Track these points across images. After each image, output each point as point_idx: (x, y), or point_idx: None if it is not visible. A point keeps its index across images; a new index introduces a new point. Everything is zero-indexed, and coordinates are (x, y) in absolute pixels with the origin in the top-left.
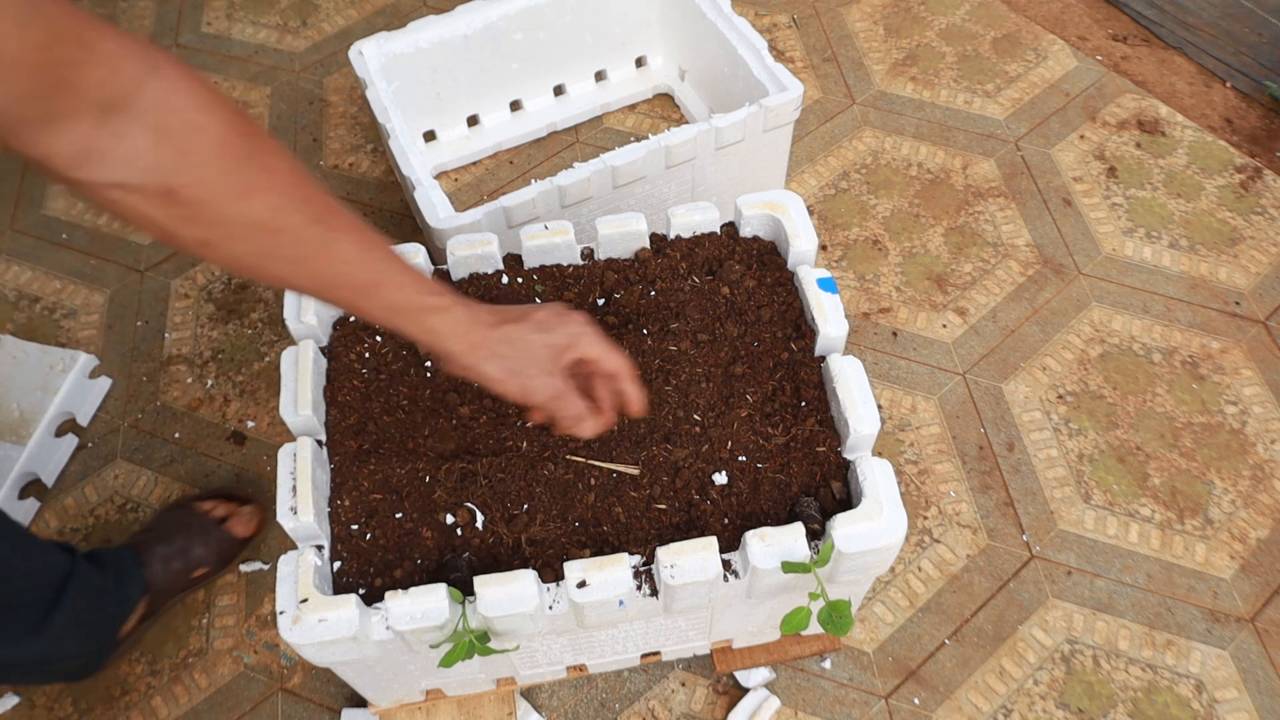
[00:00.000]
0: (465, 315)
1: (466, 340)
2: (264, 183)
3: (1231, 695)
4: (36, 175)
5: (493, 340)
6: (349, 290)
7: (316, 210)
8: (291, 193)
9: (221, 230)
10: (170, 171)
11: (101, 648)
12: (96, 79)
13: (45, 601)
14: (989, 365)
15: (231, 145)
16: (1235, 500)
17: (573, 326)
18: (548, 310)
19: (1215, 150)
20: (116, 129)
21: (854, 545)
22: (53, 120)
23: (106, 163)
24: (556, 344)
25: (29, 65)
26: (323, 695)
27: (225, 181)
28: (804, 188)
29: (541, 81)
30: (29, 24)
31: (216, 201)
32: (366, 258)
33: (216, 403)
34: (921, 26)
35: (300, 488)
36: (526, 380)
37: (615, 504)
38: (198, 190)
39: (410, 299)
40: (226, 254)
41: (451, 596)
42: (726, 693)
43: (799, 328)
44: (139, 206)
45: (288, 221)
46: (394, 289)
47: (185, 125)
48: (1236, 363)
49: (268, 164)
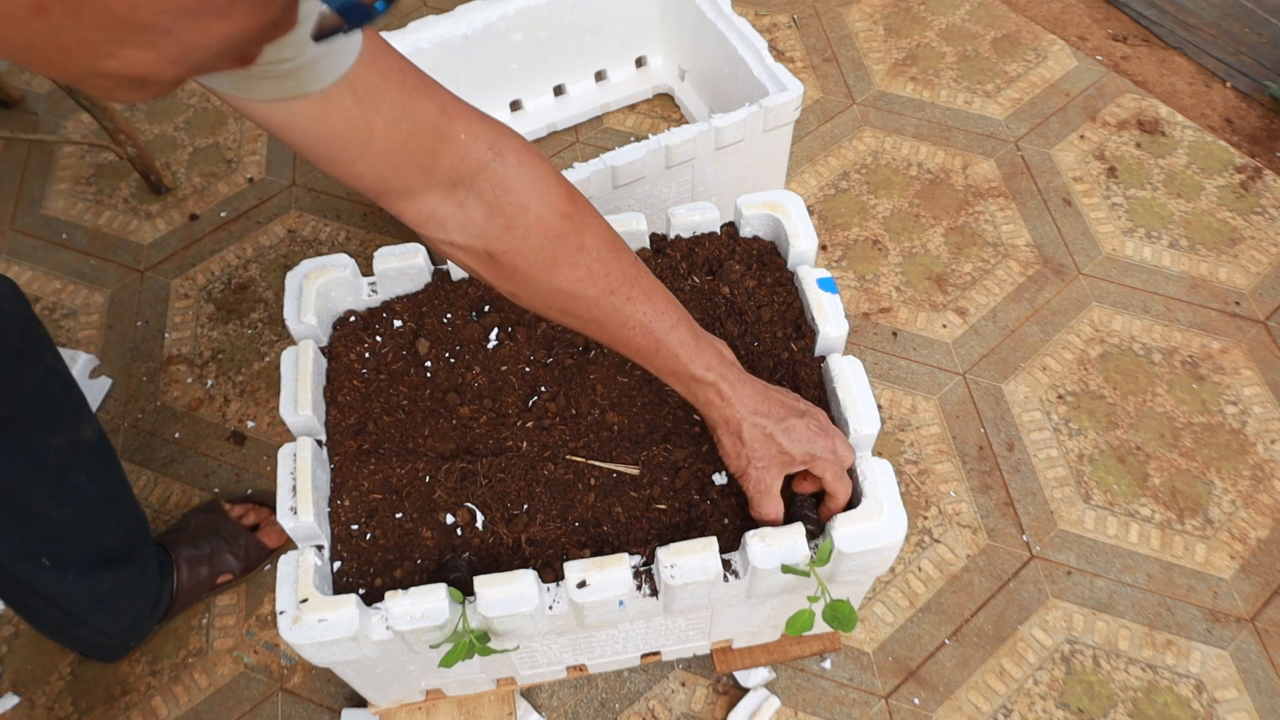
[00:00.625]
0: (728, 393)
1: (721, 414)
2: (571, 259)
3: (1231, 695)
4: (36, 175)
5: (743, 424)
6: (633, 350)
7: (614, 283)
8: (595, 269)
9: (529, 290)
10: (495, 240)
11: (129, 635)
12: (448, 164)
13: (103, 553)
14: (989, 365)
15: (550, 225)
16: (1235, 500)
17: (819, 449)
18: (805, 423)
19: (1215, 150)
20: (460, 201)
21: (854, 545)
22: (410, 194)
23: (447, 226)
24: (793, 456)
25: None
26: (323, 695)
27: (538, 254)
28: (804, 188)
29: (541, 81)
30: (398, 123)
31: (527, 268)
32: (650, 325)
33: (216, 403)
34: (921, 26)
35: (300, 488)
36: (747, 466)
37: (615, 504)
38: (514, 258)
39: (682, 367)
40: (531, 305)
41: (451, 596)
42: (726, 693)
43: (799, 328)
44: (466, 260)
45: (586, 292)
46: (670, 357)
47: (513, 205)
48: (1236, 363)
49: (580, 243)
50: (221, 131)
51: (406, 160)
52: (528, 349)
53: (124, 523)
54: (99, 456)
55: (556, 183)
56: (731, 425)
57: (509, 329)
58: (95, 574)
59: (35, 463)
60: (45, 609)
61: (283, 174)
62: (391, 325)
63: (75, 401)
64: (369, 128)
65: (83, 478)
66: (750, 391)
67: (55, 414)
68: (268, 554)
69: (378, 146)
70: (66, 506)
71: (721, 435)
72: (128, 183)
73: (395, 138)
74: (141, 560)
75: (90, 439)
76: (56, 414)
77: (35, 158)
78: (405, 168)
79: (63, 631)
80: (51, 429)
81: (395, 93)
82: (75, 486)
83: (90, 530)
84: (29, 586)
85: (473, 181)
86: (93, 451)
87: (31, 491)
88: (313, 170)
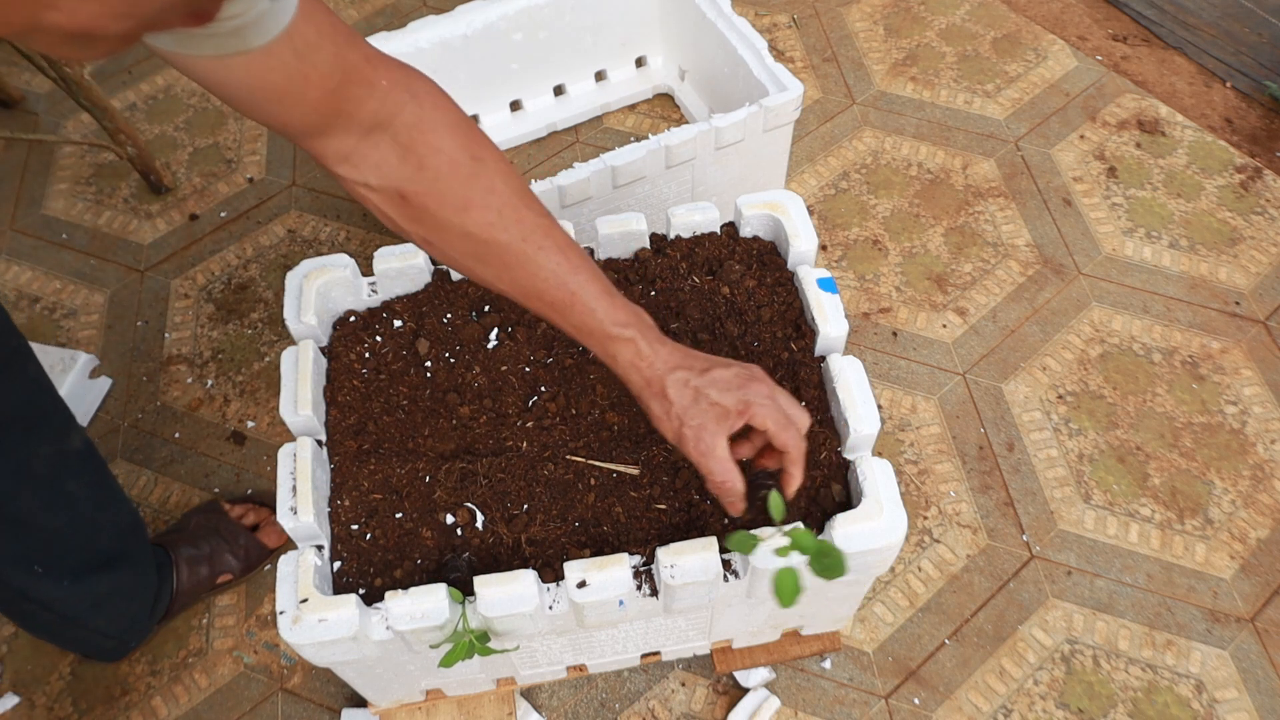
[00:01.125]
0: (647, 350)
1: (641, 375)
2: (482, 202)
3: (1231, 695)
4: (36, 175)
5: (666, 381)
6: (546, 305)
7: (526, 230)
8: (506, 214)
9: (441, 233)
10: (407, 180)
11: (129, 636)
12: (370, 108)
13: (97, 557)
14: (989, 365)
15: (461, 166)
16: (1235, 500)
17: (751, 393)
18: (733, 371)
19: (1215, 150)
20: (375, 142)
21: (854, 545)
22: (330, 133)
23: (361, 166)
24: (727, 406)
25: (325, 102)
26: (323, 695)
27: (449, 195)
28: (804, 188)
29: (541, 81)
30: (332, 74)
31: (439, 209)
32: (566, 278)
33: (216, 403)
34: (921, 26)
35: (300, 488)
36: (684, 429)
37: (615, 504)
38: (425, 199)
39: (597, 324)
40: (443, 253)
41: (451, 596)
42: (726, 693)
43: (799, 328)
44: (378, 202)
45: (497, 237)
46: (585, 312)
47: (426, 146)
48: (1236, 363)
49: (490, 185)
50: (221, 131)
51: (335, 107)
52: (528, 349)
53: (116, 526)
54: (87, 463)
55: (468, 126)
56: (654, 385)
57: (509, 329)
58: (90, 578)
59: (23, 473)
60: (40, 614)
61: (283, 174)
62: (391, 325)
63: (60, 410)
64: (304, 80)
65: (72, 486)
66: (669, 349)
67: (41, 424)
68: (268, 554)
69: (311, 97)
70: (57, 515)
71: (647, 400)
72: (128, 183)
73: (327, 87)
74: (138, 562)
75: (78, 447)
76: (42, 424)
77: (35, 158)
78: (332, 114)
79: (61, 634)
80: (38, 439)
81: (329, 45)
82: (65, 495)
83: (82, 536)
84: (22, 593)
85: (389, 124)
86: (81, 459)
87: (20, 501)
88: (313, 170)
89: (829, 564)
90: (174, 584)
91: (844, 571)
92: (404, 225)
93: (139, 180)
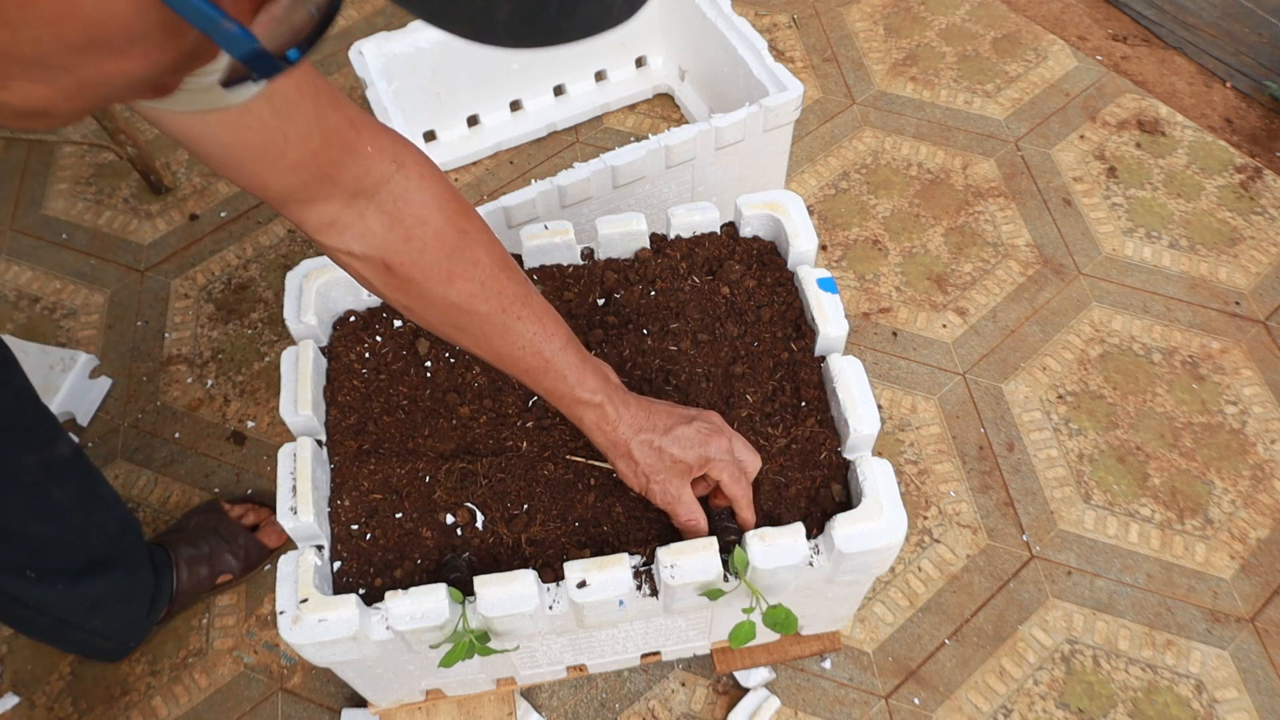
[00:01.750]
0: (612, 415)
1: (607, 438)
2: (466, 274)
3: (1231, 695)
4: (36, 175)
5: (630, 444)
6: (521, 370)
7: (506, 301)
8: (488, 284)
9: (423, 303)
10: (392, 251)
11: (128, 637)
12: (353, 174)
13: (89, 560)
14: (989, 365)
15: (447, 239)
16: (1235, 500)
17: (710, 450)
18: (694, 429)
19: (1215, 150)
20: (360, 210)
21: (854, 545)
22: (313, 200)
23: (346, 235)
24: (687, 462)
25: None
26: (323, 695)
27: (434, 267)
28: (804, 188)
29: (541, 81)
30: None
31: (423, 280)
32: (539, 346)
33: (216, 403)
34: (921, 26)
35: (300, 488)
36: (650, 484)
37: (615, 504)
38: (411, 270)
39: (568, 389)
40: (423, 319)
41: (451, 596)
42: (726, 693)
43: (799, 328)
44: (363, 271)
45: (479, 308)
46: (556, 378)
47: (413, 218)
48: (1236, 363)
49: (474, 258)
50: None
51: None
52: None
53: (108, 530)
54: (74, 470)
55: (454, 197)
56: (620, 448)
57: None
58: (83, 581)
59: (10, 483)
60: (35, 618)
61: None
62: (391, 325)
63: (46, 419)
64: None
65: (60, 493)
66: (634, 410)
67: (27, 434)
68: (268, 554)
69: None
70: (47, 522)
71: (614, 460)
72: (128, 183)
73: (307, 149)
74: (132, 563)
75: (64, 454)
76: (28, 433)
77: (35, 158)
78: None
79: (58, 637)
80: (25, 448)
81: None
82: (53, 502)
83: (73, 541)
84: (15, 598)
85: (375, 193)
86: (67, 466)
87: (9, 510)
88: None
89: (782, 624)
90: (174, 584)
91: (793, 629)
92: (386, 293)
93: (139, 180)
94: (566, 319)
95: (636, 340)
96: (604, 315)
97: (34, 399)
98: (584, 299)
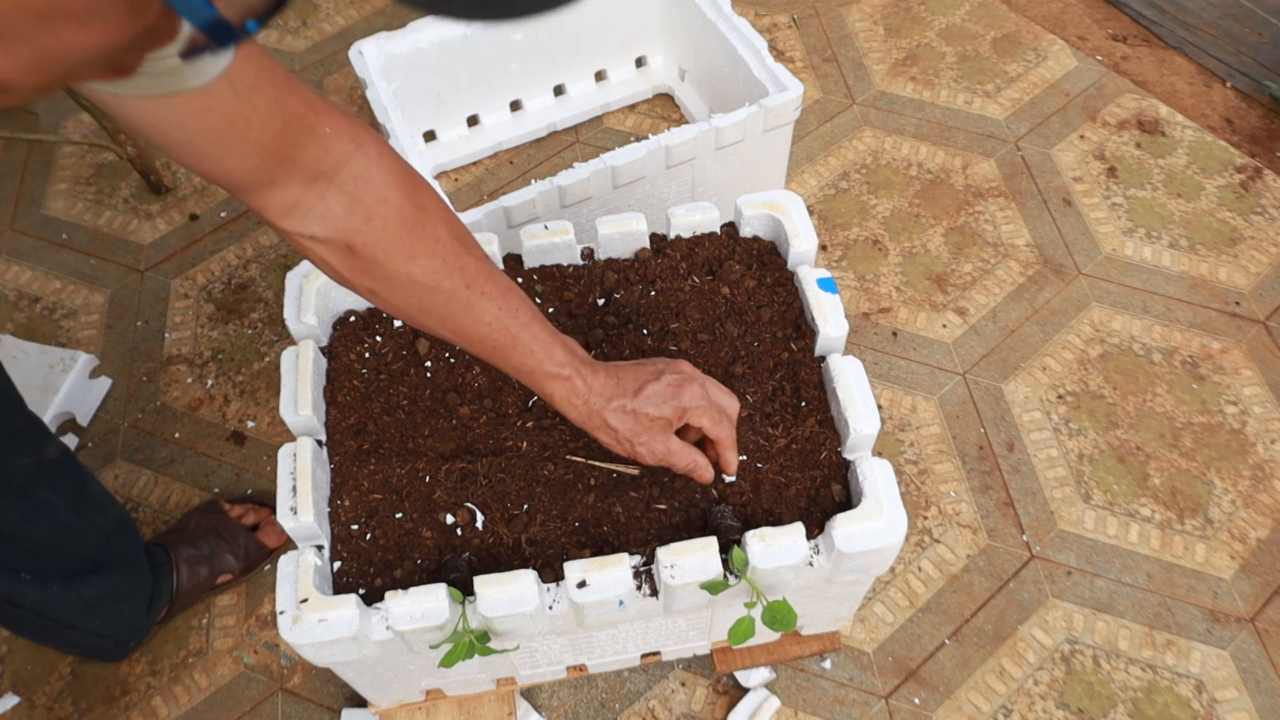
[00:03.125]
0: (582, 387)
1: (580, 410)
2: (428, 250)
3: (1231, 695)
4: (36, 175)
5: (605, 413)
6: (489, 349)
7: (469, 277)
8: (450, 260)
9: (387, 284)
10: (354, 232)
11: (127, 636)
12: (313, 156)
13: (85, 561)
14: (989, 365)
15: (408, 217)
16: (1235, 500)
17: (685, 399)
18: (664, 383)
19: (1215, 150)
20: (320, 193)
21: (854, 545)
22: (274, 184)
23: (307, 218)
24: (666, 417)
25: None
26: (323, 695)
27: (397, 246)
28: (804, 188)
29: (541, 81)
30: (272, 118)
31: (386, 260)
32: (505, 322)
33: (216, 403)
34: (921, 26)
35: (300, 488)
36: (636, 446)
37: (615, 504)
38: (374, 249)
39: (535, 365)
40: (388, 302)
41: (451, 596)
42: (726, 693)
43: (799, 328)
44: (324, 254)
45: (442, 284)
46: (523, 354)
47: (373, 196)
48: (1236, 363)
49: (435, 234)
50: None
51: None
52: None
53: (103, 531)
54: (64, 471)
55: (410, 174)
56: (595, 419)
57: None
58: (80, 582)
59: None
60: (32, 619)
61: None
62: (391, 325)
63: (33, 424)
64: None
65: (50, 494)
66: (603, 379)
67: (15, 436)
68: (268, 554)
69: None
70: (39, 524)
71: (593, 432)
72: (128, 183)
73: (269, 132)
74: (129, 563)
75: (54, 456)
76: (16, 436)
77: (35, 158)
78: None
79: (56, 637)
80: (14, 452)
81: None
82: (45, 504)
83: (68, 543)
84: (11, 600)
85: (334, 174)
86: (57, 467)
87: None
88: None
89: (782, 621)
90: (173, 584)
91: (792, 626)
92: (350, 277)
93: (139, 180)
94: (567, 319)
95: (636, 340)
96: (604, 315)
97: (20, 403)
98: (584, 299)
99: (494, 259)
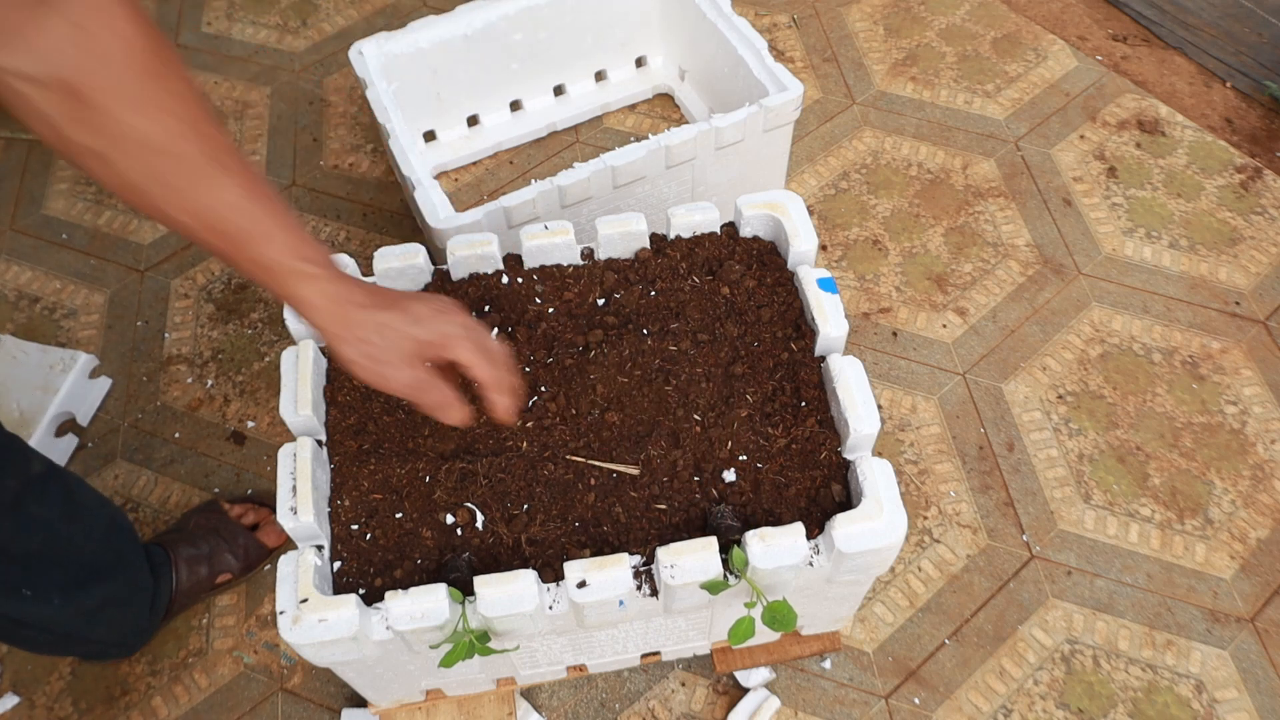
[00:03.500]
0: (335, 290)
1: (331, 316)
2: (167, 104)
3: (1231, 695)
4: (36, 175)
5: (358, 322)
6: (222, 237)
7: (211, 147)
8: (191, 122)
9: (116, 143)
10: (78, 69)
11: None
12: None
13: (82, 569)
14: (989, 365)
15: (146, 59)
16: (1235, 500)
17: (447, 325)
18: (426, 303)
19: (1215, 150)
20: (41, 22)
21: (854, 545)
22: None
23: (19, 50)
24: (423, 339)
25: None
26: (323, 695)
27: (129, 91)
28: (804, 188)
29: (541, 81)
30: None
31: (116, 109)
32: (246, 204)
33: (216, 403)
34: (921, 26)
35: (300, 488)
36: (383, 368)
37: (615, 504)
38: (100, 95)
39: (279, 258)
40: (114, 170)
41: (451, 596)
42: (726, 693)
43: (799, 328)
44: (41, 103)
45: (179, 148)
46: (264, 243)
47: (105, 29)
48: (1236, 363)
49: (175, 88)
50: None
51: None
52: (528, 349)
53: (97, 538)
54: (51, 484)
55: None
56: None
57: (509, 329)
58: (80, 592)
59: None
60: (38, 636)
61: (283, 174)
62: None
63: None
64: None
65: (42, 510)
66: (359, 286)
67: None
68: (267, 554)
69: None
70: (33, 538)
71: (341, 346)
72: None
73: None
74: (127, 567)
75: (39, 471)
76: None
77: (35, 158)
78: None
79: (65, 649)
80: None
81: None
82: (37, 519)
83: (63, 554)
84: (17, 621)
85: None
86: (43, 481)
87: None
88: (313, 170)
89: (782, 621)
90: (173, 584)
91: (792, 626)
92: (72, 134)
93: None
94: (566, 319)
95: (636, 340)
96: (604, 315)
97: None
98: (584, 299)
99: (494, 259)
